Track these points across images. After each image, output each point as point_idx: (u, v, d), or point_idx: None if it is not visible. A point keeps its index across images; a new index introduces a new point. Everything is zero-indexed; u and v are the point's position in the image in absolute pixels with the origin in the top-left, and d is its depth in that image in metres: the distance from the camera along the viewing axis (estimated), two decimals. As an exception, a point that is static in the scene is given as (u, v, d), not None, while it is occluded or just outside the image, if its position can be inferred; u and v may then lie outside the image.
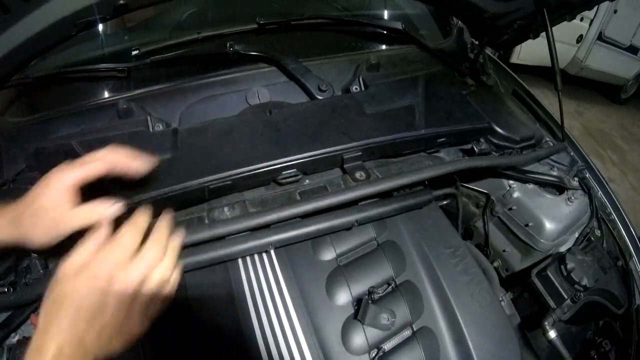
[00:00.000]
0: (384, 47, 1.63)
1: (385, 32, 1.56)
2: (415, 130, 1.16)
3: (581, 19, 4.99)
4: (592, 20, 5.07)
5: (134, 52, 1.44)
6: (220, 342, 0.91)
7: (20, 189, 1.10)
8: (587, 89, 5.86)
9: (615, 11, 5.13)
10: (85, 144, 1.16)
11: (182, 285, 0.97)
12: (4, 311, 0.98)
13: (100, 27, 1.57)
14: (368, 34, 1.62)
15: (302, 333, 0.90)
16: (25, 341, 1.00)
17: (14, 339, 0.97)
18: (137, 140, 1.17)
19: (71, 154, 1.12)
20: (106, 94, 1.43)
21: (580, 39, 5.10)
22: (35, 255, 1.02)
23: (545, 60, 1.35)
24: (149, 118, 1.27)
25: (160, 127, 1.26)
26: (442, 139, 1.21)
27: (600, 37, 5.17)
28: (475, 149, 1.28)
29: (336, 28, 1.57)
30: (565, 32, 4.83)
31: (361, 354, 0.91)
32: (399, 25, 1.51)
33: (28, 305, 0.97)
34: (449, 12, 1.71)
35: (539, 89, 4.88)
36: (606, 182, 1.49)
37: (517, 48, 4.44)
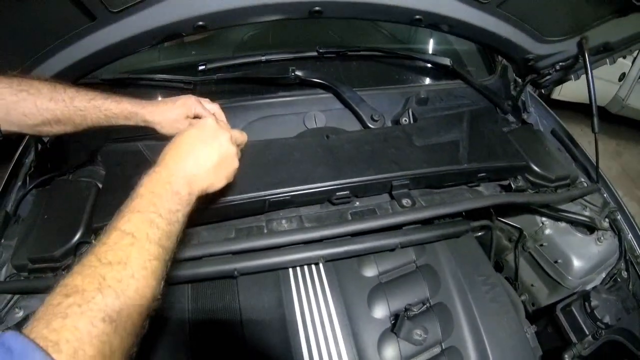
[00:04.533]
0: (431, 81, 1.74)
1: (434, 67, 1.67)
2: (459, 165, 1.25)
3: (624, 57, 4.91)
4: (635, 59, 4.97)
5: (200, 67, 1.56)
6: (267, 338, 1.02)
7: (78, 181, 1.20)
8: (627, 128, 5.69)
9: (659, 50, 5.02)
10: (151, 148, 1.25)
11: (235, 287, 1.09)
12: None
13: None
14: (418, 67, 1.73)
15: (342, 339, 1.00)
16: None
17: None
18: None
19: (138, 156, 1.23)
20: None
21: (622, 77, 4.97)
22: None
23: (586, 98, 1.41)
24: (213, 130, 1.37)
25: None
26: (482, 174, 1.31)
27: (643, 76, 5.07)
28: (513, 185, 1.37)
29: (388, 60, 1.69)
30: (607, 70, 4.72)
31: (394, 365, 1.00)
32: (447, 62, 1.63)
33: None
34: (495, 51, 1.80)
35: (578, 125, 4.77)
36: (637, 225, 1.53)
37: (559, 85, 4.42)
